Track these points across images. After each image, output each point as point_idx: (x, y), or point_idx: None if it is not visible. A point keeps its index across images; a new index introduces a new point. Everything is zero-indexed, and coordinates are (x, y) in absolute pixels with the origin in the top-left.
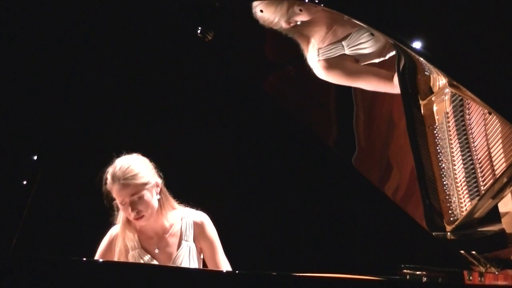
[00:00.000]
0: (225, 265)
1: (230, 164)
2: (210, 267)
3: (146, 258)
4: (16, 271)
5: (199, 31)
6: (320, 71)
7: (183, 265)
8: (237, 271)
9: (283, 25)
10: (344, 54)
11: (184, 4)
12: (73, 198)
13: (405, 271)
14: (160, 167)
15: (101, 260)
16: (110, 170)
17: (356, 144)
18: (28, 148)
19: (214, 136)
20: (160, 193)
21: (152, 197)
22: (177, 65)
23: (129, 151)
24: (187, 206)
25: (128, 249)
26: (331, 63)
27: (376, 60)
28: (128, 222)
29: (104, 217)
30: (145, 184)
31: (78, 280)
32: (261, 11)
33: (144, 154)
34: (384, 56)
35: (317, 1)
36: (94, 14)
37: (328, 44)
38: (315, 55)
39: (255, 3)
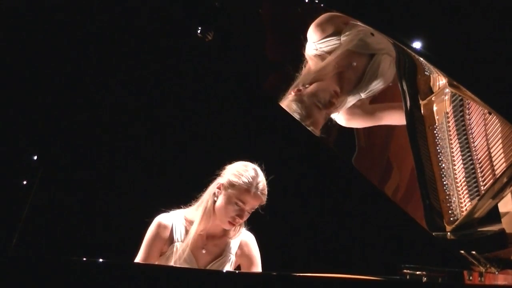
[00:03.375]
0: None
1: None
2: None
3: (187, 252)
4: (16, 271)
5: (199, 31)
6: (342, 122)
7: None
8: (237, 271)
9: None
10: (362, 100)
11: (184, 4)
12: (73, 198)
13: (405, 271)
14: (161, 167)
15: (101, 260)
16: (252, 174)
17: (356, 144)
18: (28, 148)
19: (212, 136)
20: None
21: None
22: (177, 65)
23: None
24: None
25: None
26: (351, 114)
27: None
28: (210, 216)
29: (104, 217)
30: (262, 204)
31: (78, 280)
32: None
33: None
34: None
35: (317, 1)
36: (95, 14)
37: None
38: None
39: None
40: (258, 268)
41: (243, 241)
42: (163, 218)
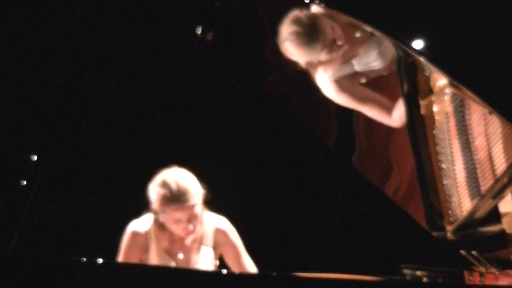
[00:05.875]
0: (250, 267)
1: (229, 164)
2: (236, 270)
3: (168, 260)
4: (16, 271)
5: (199, 31)
6: (330, 92)
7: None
8: (237, 272)
9: (302, 63)
10: (355, 75)
11: (184, 4)
12: (73, 198)
13: (405, 271)
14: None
15: (101, 260)
16: (163, 192)
17: (356, 144)
18: (28, 148)
19: (213, 136)
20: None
21: (200, 209)
22: (177, 65)
23: (118, 167)
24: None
25: (159, 250)
26: (342, 87)
27: (384, 72)
28: (161, 226)
29: (103, 217)
30: (200, 199)
31: (78, 280)
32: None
33: (148, 154)
34: (394, 67)
35: (317, 1)
36: (94, 14)
37: (338, 65)
38: (326, 76)
39: (287, 34)
40: (242, 251)
41: (217, 229)
42: (136, 226)
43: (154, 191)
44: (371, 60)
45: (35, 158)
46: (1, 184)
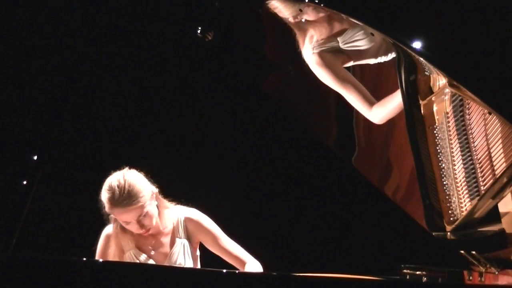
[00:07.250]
0: (234, 248)
1: (229, 164)
2: (221, 255)
3: (142, 258)
4: (16, 271)
5: (199, 31)
6: (312, 65)
7: (178, 262)
8: (237, 271)
9: (290, 18)
10: (339, 53)
11: (184, 4)
12: (72, 198)
13: (405, 271)
14: (163, 168)
15: (101, 260)
16: (107, 195)
17: (356, 144)
18: (28, 148)
19: (214, 136)
20: (156, 198)
21: (153, 208)
22: (176, 65)
23: (118, 167)
24: (177, 204)
25: (123, 250)
26: (323, 60)
27: (371, 61)
28: (124, 234)
29: (103, 217)
30: (146, 200)
31: (78, 280)
32: None
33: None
34: (380, 56)
35: (317, 1)
36: (94, 14)
37: (324, 38)
38: (310, 48)
39: None
40: (220, 235)
41: (187, 219)
42: (108, 229)
43: (102, 195)
44: (357, 38)
45: (35, 158)
46: (1, 184)
